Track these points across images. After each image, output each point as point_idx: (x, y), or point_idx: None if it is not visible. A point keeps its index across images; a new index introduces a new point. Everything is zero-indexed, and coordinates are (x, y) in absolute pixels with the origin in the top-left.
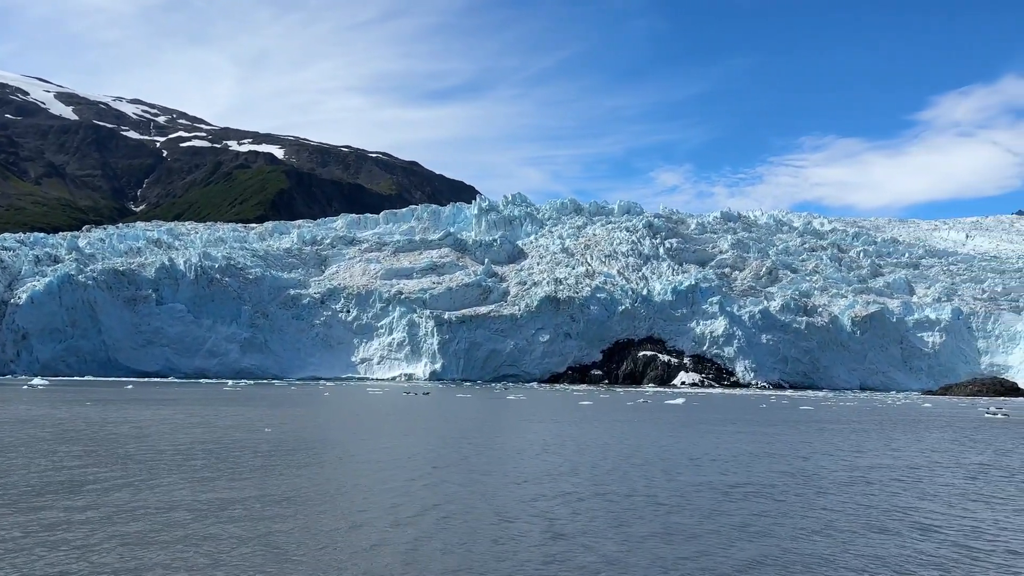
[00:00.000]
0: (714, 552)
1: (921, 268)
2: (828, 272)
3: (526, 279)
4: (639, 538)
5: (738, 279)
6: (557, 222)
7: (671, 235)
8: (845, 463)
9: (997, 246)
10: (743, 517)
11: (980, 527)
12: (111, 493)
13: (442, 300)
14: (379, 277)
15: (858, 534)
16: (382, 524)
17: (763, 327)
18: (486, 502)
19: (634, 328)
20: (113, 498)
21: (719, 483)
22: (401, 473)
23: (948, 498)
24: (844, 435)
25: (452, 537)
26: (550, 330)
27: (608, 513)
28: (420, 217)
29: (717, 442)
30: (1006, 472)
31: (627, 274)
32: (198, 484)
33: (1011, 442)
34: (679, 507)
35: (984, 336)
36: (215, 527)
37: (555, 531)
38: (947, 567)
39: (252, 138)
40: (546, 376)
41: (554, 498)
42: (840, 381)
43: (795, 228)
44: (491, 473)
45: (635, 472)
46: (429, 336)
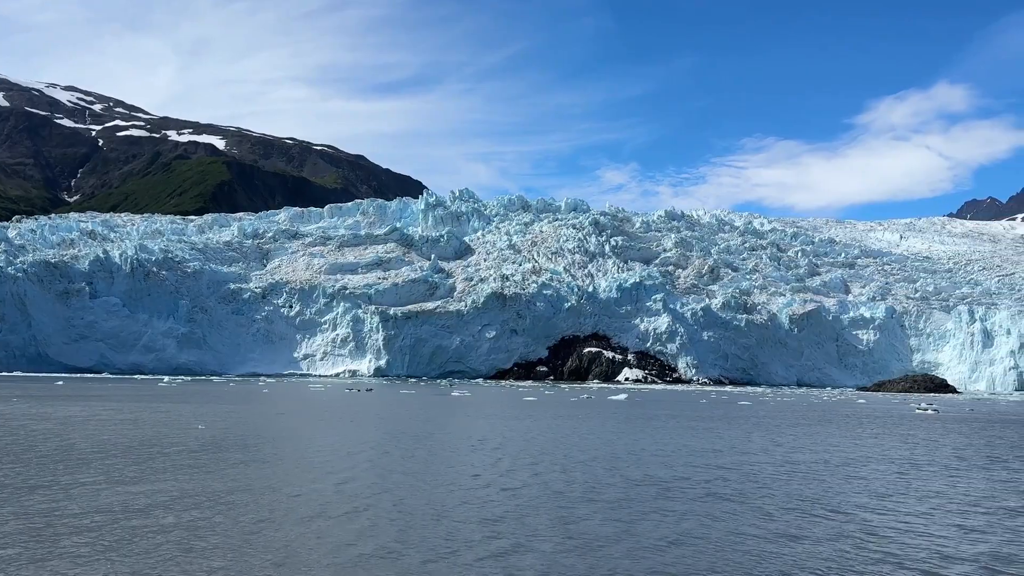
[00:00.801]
0: (638, 547)
1: (857, 268)
2: (767, 271)
3: (473, 275)
4: (564, 533)
5: (681, 277)
6: (504, 218)
7: (617, 233)
8: (778, 458)
9: (929, 247)
10: (674, 512)
11: (908, 521)
12: (13, 495)
13: (387, 296)
14: (323, 272)
15: (789, 527)
16: (301, 523)
17: (705, 324)
18: (412, 500)
19: (580, 325)
20: (14, 500)
21: (654, 478)
22: (331, 471)
23: (877, 492)
24: (779, 430)
25: (368, 535)
26: (496, 326)
27: (534, 508)
28: (366, 211)
29: (654, 437)
30: (936, 467)
31: (573, 271)
32: (108, 484)
33: (940, 437)
34: (598, 502)
35: (916, 334)
36: (123, 529)
37: (477, 527)
38: (869, 561)
39: (192, 128)
40: (492, 372)
41: (481, 494)
42: (778, 377)
43: (736, 228)
44: (424, 470)
45: (561, 467)
46: (374, 332)
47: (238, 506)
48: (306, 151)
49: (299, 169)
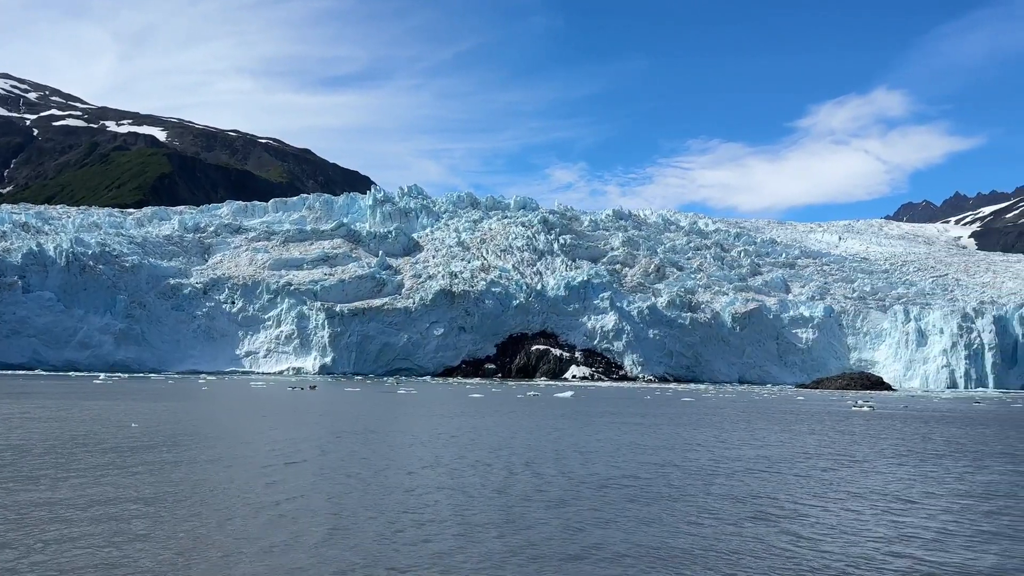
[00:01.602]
0: (566, 544)
1: (797, 268)
2: (711, 270)
3: (421, 272)
4: (482, 529)
5: (628, 275)
6: (453, 215)
7: (565, 231)
8: (714, 454)
9: (867, 248)
10: (606, 509)
11: (832, 516)
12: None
13: (334, 292)
14: (267, 267)
15: (713, 523)
16: (213, 524)
17: (651, 322)
18: (336, 500)
19: (528, 322)
20: None
21: (589, 476)
22: (261, 471)
23: (806, 488)
24: (719, 427)
25: (278, 535)
26: (444, 324)
27: (452, 506)
28: (312, 206)
29: (595, 434)
30: (869, 462)
31: (522, 269)
32: (18, 486)
33: (875, 432)
34: (532, 499)
35: (853, 333)
36: (24, 533)
37: (401, 528)
38: (796, 556)
39: (132, 119)
40: (440, 370)
41: (411, 493)
42: (720, 375)
43: (682, 227)
44: (357, 469)
45: (498, 465)
46: (319, 329)
47: (157, 508)
48: (250, 144)
49: (243, 162)
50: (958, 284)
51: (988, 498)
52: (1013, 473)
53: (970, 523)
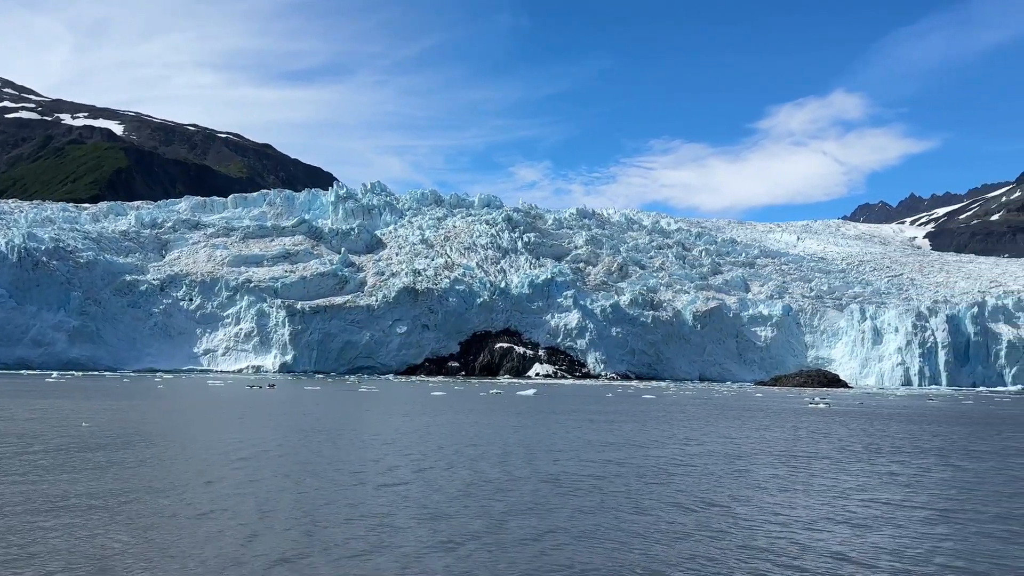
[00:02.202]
0: (504, 544)
1: (756, 267)
2: (673, 269)
3: (384, 269)
4: (405, 530)
5: (591, 274)
6: (417, 212)
7: (529, 229)
8: (670, 451)
9: (824, 248)
10: (552, 506)
11: (780, 514)
12: None
13: (294, 289)
14: (226, 264)
15: (660, 520)
16: (154, 527)
17: (613, 320)
18: (275, 500)
19: (491, 320)
20: None
21: (541, 473)
22: (207, 471)
23: (757, 484)
24: (677, 424)
25: (217, 539)
26: (408, 321)
27: (383, 505)
28: (272, 202)
29: (553, 432)
30: (825, 461)
31: (486, 267)
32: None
33: (830, 428)
34: (473, 497)
35: (810, 331)
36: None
37: (335, 528)
38: (733, 554)
39: (88, 112)
40: (403, 368)
41: (354, 493)
42: (681, 372)
43: (644, 227)
44: (302, 469)
45: (449, 463)
46: (280, 327)
47: (98, 509)
48: (210, 139)
49: (202, 157)
50: (913, 284)
51: (933, 495)
52: (960, 469)
53: (912, 520)
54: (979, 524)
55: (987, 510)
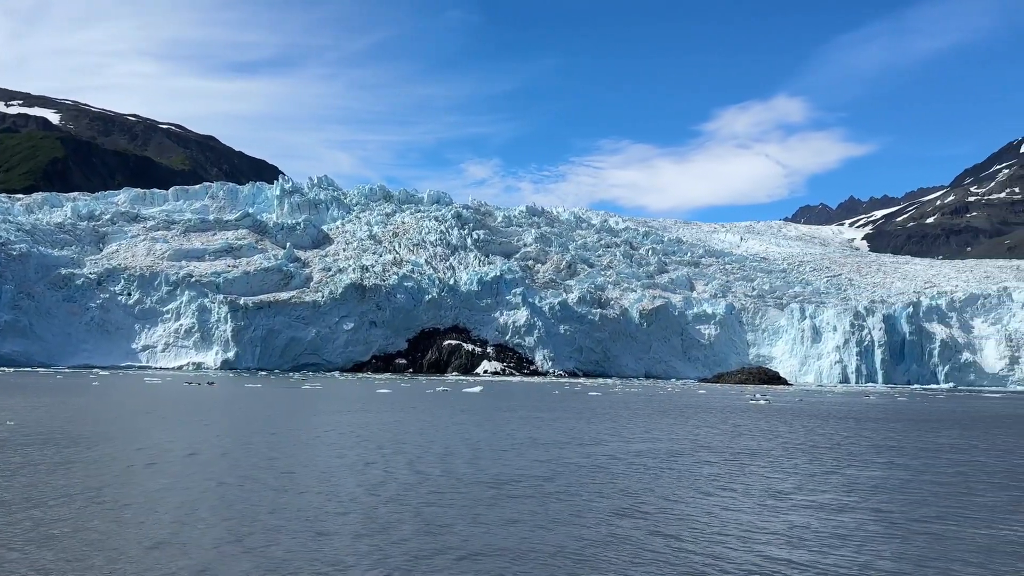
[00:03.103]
0: (421, 544)
1: (701, 266)
2: (620, 268)
3: (331, 265)
4: (336, 536)
5: (540, 272)
6: (365, 208)
7: (479, 226)
8: (614, 448)
9: (766, 248)
10: (479, 507)
11: (723, 515)
12: None
13: (238, 284)
14: (166, 258)
15: (597, 521)
16: (45, 529)
17: (561, 318)
18: (173, 503)
19: (440, 317)
20: None
21: (474, 473)
22: (116, 473)
23: (690, 484)
24: (620, 422)
25: (111, 543)
26: (355, 318)
27: (310, 508)
28: (215, 195)
29: (494, 430)
30: (764, 459)
31: (435, 263)
32: None
33: (769, 426)
34: (390, 500)
35: (752, 329)
36: None
37: (240, 532)
38: (655, 555)
39: (23, 99)
40: (349, 365)
41: (275, 495)
42: (628, 369)
43: (593, 225)
44: (221, 470)
45: (381, 463)
46: (222, 322)
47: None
48: (151, 129)
49: (143, 148)
50: (851, 284)
51: (863, 493)
52: (895, 467)
53: (836, 519)
54: (912, 524)
55: (918, 511)
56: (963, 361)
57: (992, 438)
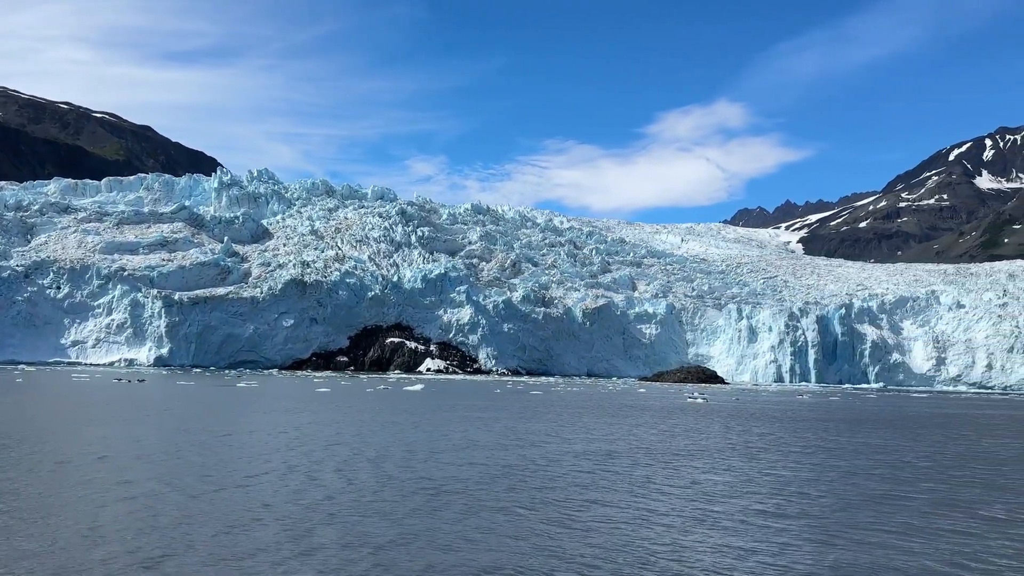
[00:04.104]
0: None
1: (643, 267)
2: (564, 267)
3: (270, 260)
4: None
5: (485, 270)
6: (307, 203)
7: (423, 224)
8: (550, 449)
9: (706, 250)
10: (393, 509)
11: (658, 518)
12: None
13: (173, 279)
14: (98, 251)
15: (496, 525)
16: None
17: (505, 316)
18: (62, 507)
19: (383, 314)
20: None
21: (410, 477)
22: (14, 475)
23: (618, 486)
24: (561, 421)
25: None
26: (294, 315)
27: (217, 514)
28: (150, 187)
29: (428, 430)
30: (695, 461)
31: (378, 260)
32: None
33: (705, 426)
34: (301, 504)
35: (692, 329)
36: None
37: (135, 543)
38: (591, 561)
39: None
40: (288, 363)
41: (197, 502)
42: (570, 368)
43: (538, 224)
44: (125, 472)
45: (303, 466)
46: (156, 318)
47: None
48: (84, 118)
49: (75, 137)
50: (786, 285)
51: (790, 495)
52: (823, 468)
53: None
54: (834, 528)
55: (841, 514)
56: (892, 362)
57: (918, 439)
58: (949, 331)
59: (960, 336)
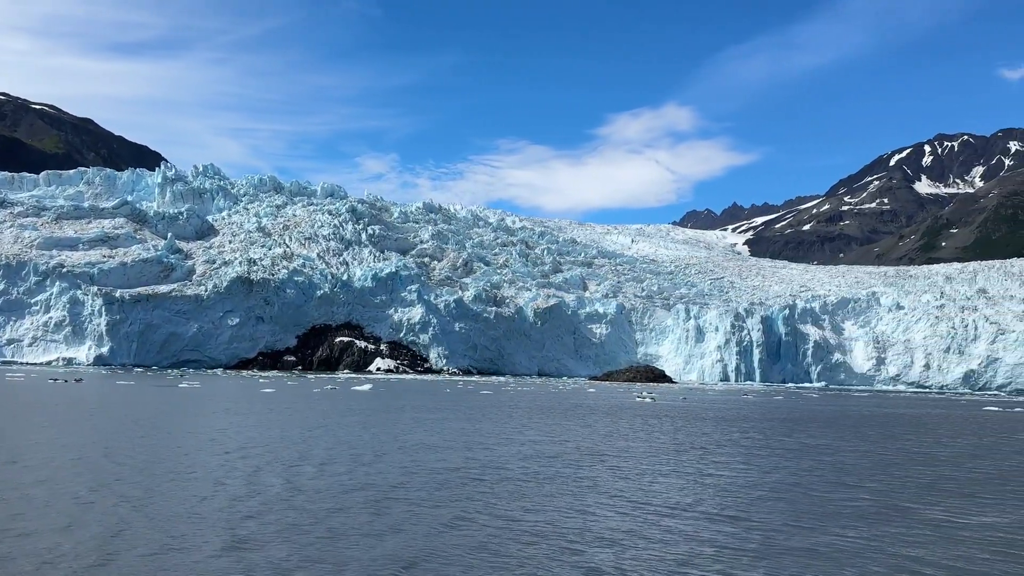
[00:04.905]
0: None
1: (594, 267)
2: (516, 266)
3: (216, 257)
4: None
5: (436, 269)
6: (254, 199)
7: (374, 222)
8: (497, 453)
9: (655, 251)
10: (345, 523)
11: (587, 525)
12: None
13: (114, 276)
14: (35, 246)
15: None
16: None
17: (457, 315)
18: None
19: (332, 313)
20: None
21: (343, 483)
22: None
23: (567, 490)
24: (509, 422)
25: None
26: (240, 313)
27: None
28: (91, 181)
29: (367, 431)
30: (643, 460)
31: (327, 258)
32: None
33: (652, 425)
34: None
35: (641, 329)
36: None
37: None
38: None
39: None
40: (234, 362)
41: (120, 509)
42: (521, 367)
43: (490, 224)
44: (67, 478)
45: (219, 472)
46: (95, 316)
47: None
48: (22, 109)
49: (12, 129)
50: (732, 286)
51: (726, 496)
52: (763, 469)
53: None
54: (765, 530)
55: (773, 517)
56: (834, 361)
57: (860, 439)
58: (889, 332)
59: (899, 336)
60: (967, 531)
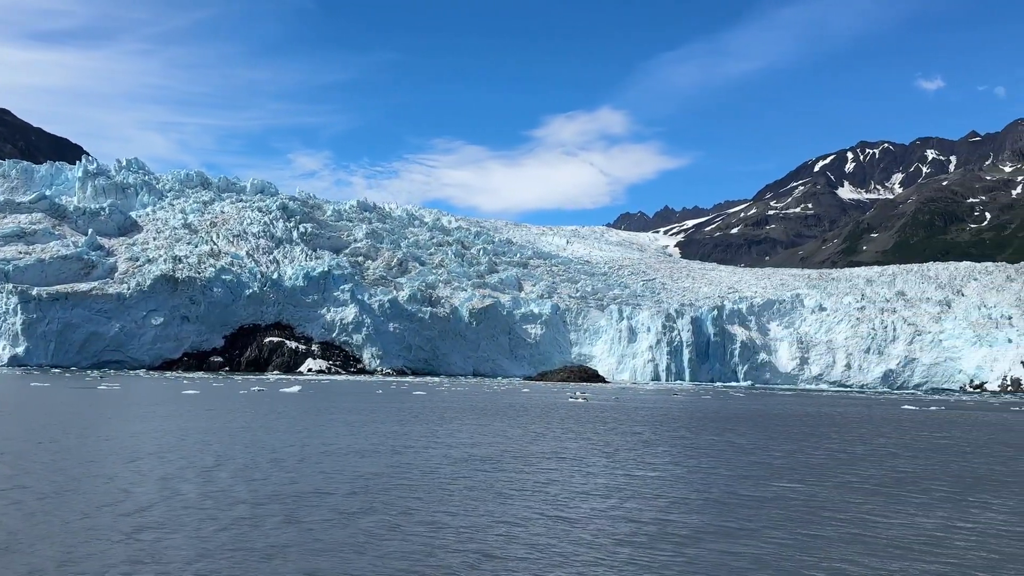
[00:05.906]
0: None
1: (529, 267)
2: (452, 266)
3: (139, 255)
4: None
5: (371, 268)
6: (180, 195)
7: (306, 220)
8: (424, 456)
9: (590, 252)
10: (258, 534)
11: (508, 530)
12: None
13: (31, 273)
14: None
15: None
16: None
17: (391, 316)
18: None
19: (261, 313)
20: None
21: (262, 492)
22: None
23: (490, 493)
24: (439, 423)
25: None
26: (165, 312)
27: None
28: (7, 174)
29: (290, 435)
30: (564, 464)
31: (257, 256)
32: None
33: (583, 427)
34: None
35: (575, 329)
36: None
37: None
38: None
39: None
40: (158, 363)
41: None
42: (456, 368)
43: (426, 223)
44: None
45: (118, 478)
46: (11, 315)
47: None
48: None
49: None
50: (664, 288)
51: (646, 498)
52: (689, 469)
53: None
54: (693, 533)
55: (694, 518)
56: (760, 361)
57: (785, 438)
58: (812, 332)
59: (822, 337)
60: (891, 531)
